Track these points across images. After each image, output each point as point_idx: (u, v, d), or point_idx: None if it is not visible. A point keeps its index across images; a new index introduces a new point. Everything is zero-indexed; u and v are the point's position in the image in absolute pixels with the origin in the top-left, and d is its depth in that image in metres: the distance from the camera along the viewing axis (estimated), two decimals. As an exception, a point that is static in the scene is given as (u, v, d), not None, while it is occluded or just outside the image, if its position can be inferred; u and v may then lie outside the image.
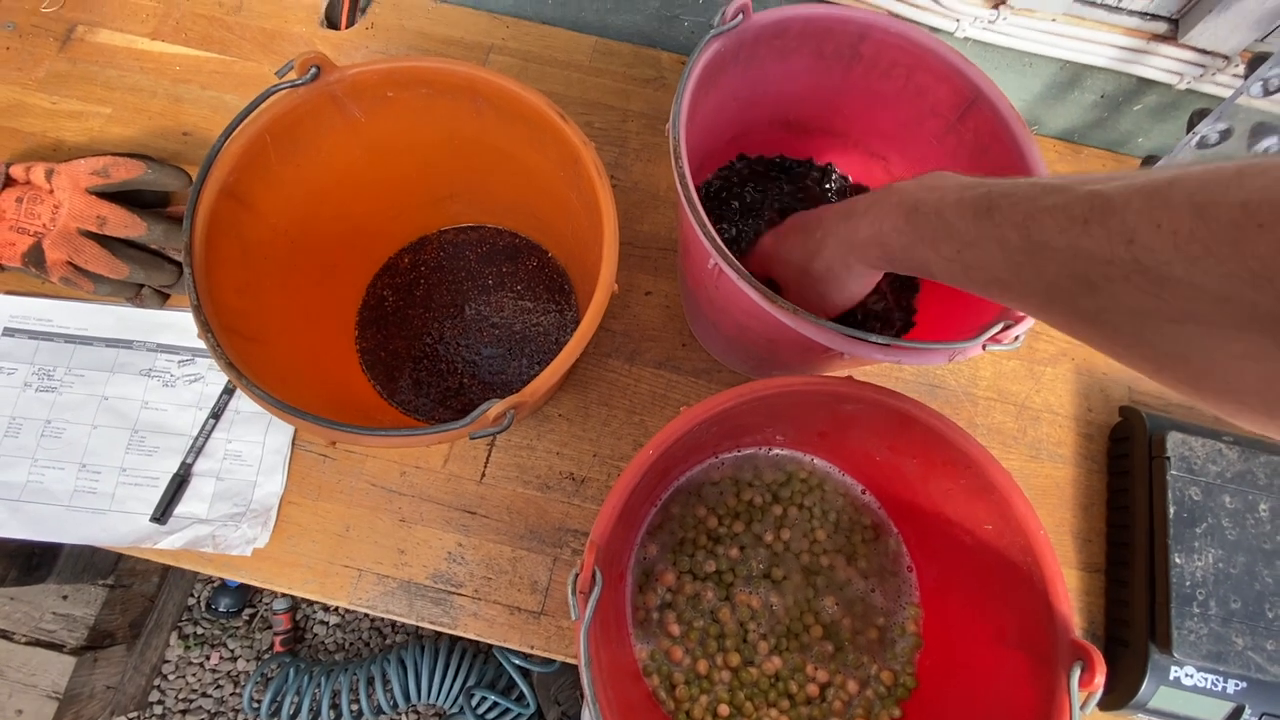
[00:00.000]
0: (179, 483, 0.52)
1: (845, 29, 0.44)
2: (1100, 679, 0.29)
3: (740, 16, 0.41)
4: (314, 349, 0.46)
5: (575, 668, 1.11)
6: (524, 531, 0.53)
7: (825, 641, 0.42)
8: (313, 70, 0.37)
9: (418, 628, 1.19)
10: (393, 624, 1.19)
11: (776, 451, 0.46)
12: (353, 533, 0.52)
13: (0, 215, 0.54)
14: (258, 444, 0.53)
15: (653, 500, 0.44)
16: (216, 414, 0.54)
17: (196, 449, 0.53)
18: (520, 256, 0.56)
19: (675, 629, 0.41)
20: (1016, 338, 0.35)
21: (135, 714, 1.12)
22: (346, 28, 0.67)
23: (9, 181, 0.55)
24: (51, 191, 0.54)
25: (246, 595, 1.17)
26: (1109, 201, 0.24)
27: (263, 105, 0.37)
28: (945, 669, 0.40)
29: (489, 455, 0.55)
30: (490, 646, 1.17)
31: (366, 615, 1.19)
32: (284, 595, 1.15)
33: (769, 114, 0.51)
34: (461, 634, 0.51)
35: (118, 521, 0.51)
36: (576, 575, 0.30)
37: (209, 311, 0.33)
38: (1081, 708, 0.29)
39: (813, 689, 0.40)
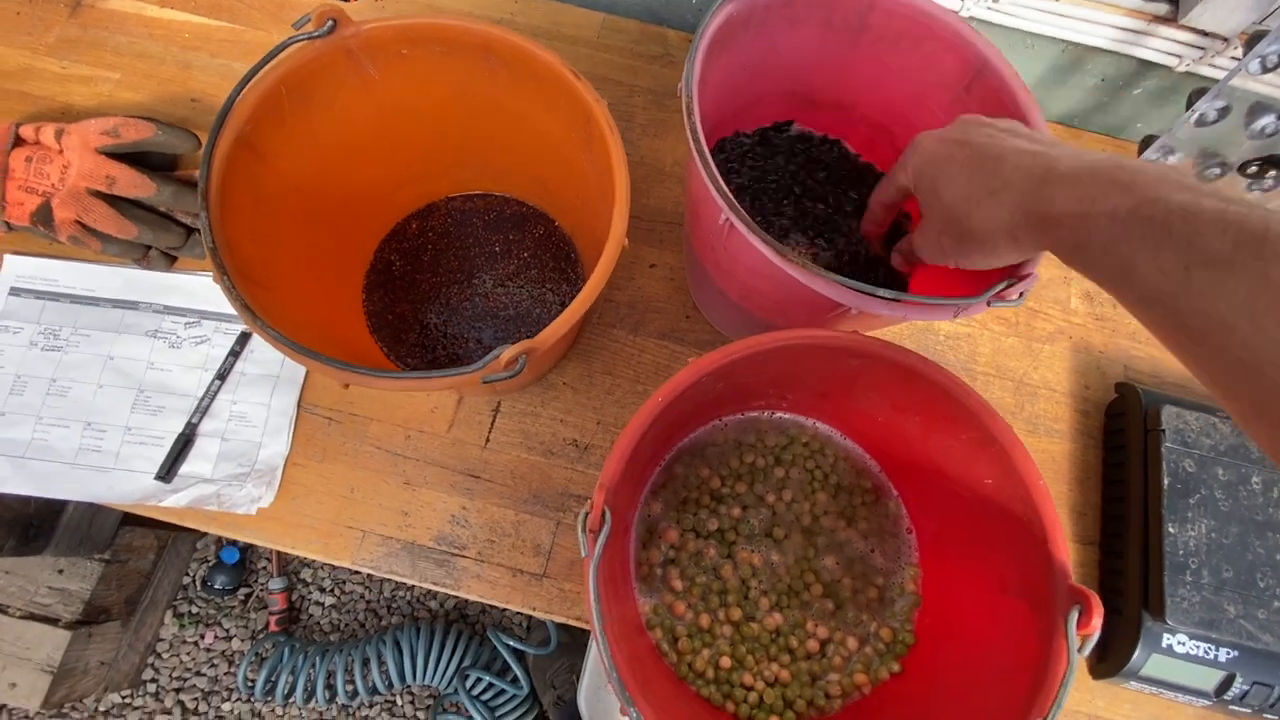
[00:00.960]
0: (184, 442, 0.52)
1: (853, -2, 0.44)
2: (1098, 620, 0.29)
3: (751, -19, 0.41)
4: (323, 306, 0.47)
5: (570, 651, 1.12)
6: (527, 496, 0.54)
7: (825, 599, 0.42)
8: (329, 23, 0.37)
9: (413, 610, 1.19)
10: (388, 605, 1.19)
11: (779, 415, 0.46)
12: (357, 495, 0.53)
13: (9, 174, 0.54)
14: (263, 406, 0.54)
15: (656, 460, 0.44)
16: (222, 375, 0.54)
17: (202, 409, 0.53)
18: (527, 224, 0.57)
19: (678, 584, 0.41)
20: (1020, 294, 0.36)
21: (129, 691, 1.11)
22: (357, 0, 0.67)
23: (18, 141, 0.55)
24: (61, 151, 0.54)
25: (242, 574, 1.17)
26: None
27: (279, 57, 0.37)
28: (944, 624, 0.40)
29: (494, 421, 0.55)
30: (485, 629, 1.17)
31: (362, 597, 1.19)
32: (280, 575, 1.15)
33: (777, 85, 0.51)
34: (464, 595, 0.51)
35: (122, 479, 0.52)
36: (586, 515, 0.30)
37: (224, 255, 0.34)
38: (1079, 651, 0.30)
39: (813, 645, 0.41)
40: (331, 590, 1.19)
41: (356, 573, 1.20)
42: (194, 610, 1.16)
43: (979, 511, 0.38)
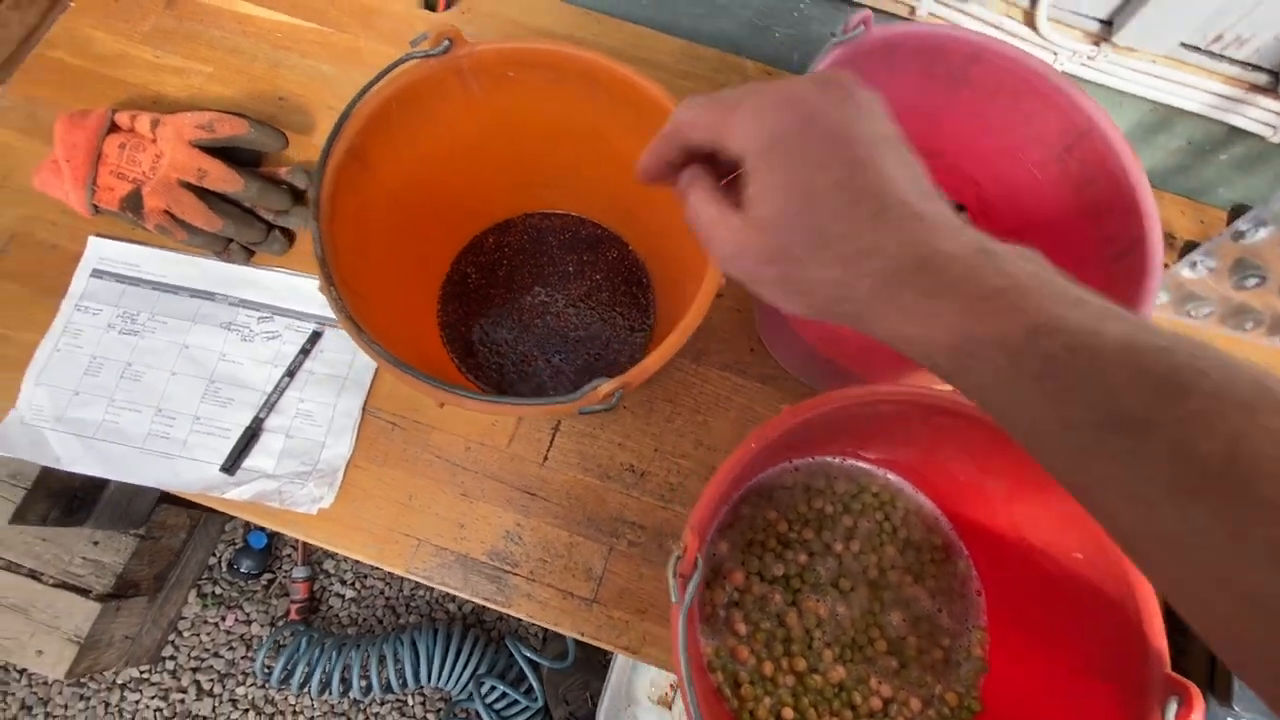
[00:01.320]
0: (250, 436, 0.53)
1: (958, 50, 0.44)
2: (1199, 715, 0.28)
3: (861, 28, 0.41)
4: (405, 316, 0.47)
5: (585, 667, 1.11)
6: (582, 518, 0.53)
7: (890, 656, 0.42)
8: (445, 43, 0.38)
9: (431, 610, 1.19)
10: (407, 603, 1.19)
11: (850, 462, 0.46)
12: (415, 502, 0.53)
13: (103, 159, 0.55)
14: (329, 405, 0.54)
15: (725, 499, 0.44)
16: (291, 372, 0.54)
17: (270, 404, 0.54)
18: (601, 247, 0.57)
19: (742, 628, 0.41)
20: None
21: (148, 667, 1.12)
22: (444, 10, 0.68)
23: (113, 127, 0.56)
24: (154, 140, 0.55)
25: (267, 560, 1.18)
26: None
27: (395, 72, 0.38)
28: (1013, 695, 0.39)
29: (553, 439, 0.55)
30: (503, 635, 1.17)
31: (382, 593, 1.20)
32: (304, 564, 1.16)
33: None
34: (514, 613, 0.51)
35: (187, 468, 0.52)
36: (678, 558, 0.30)
37: (332, 265, 0.34)
38: (1174, 743, 0.29)
39: (876, 702, 0.40)
40: (353, 583, 1.19)
41: (378, 567, 1.21)
42: (217, 591, 1.17)
43: (1062, 583, 0.38)
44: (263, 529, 1.19)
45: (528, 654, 1.06)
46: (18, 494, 0.79)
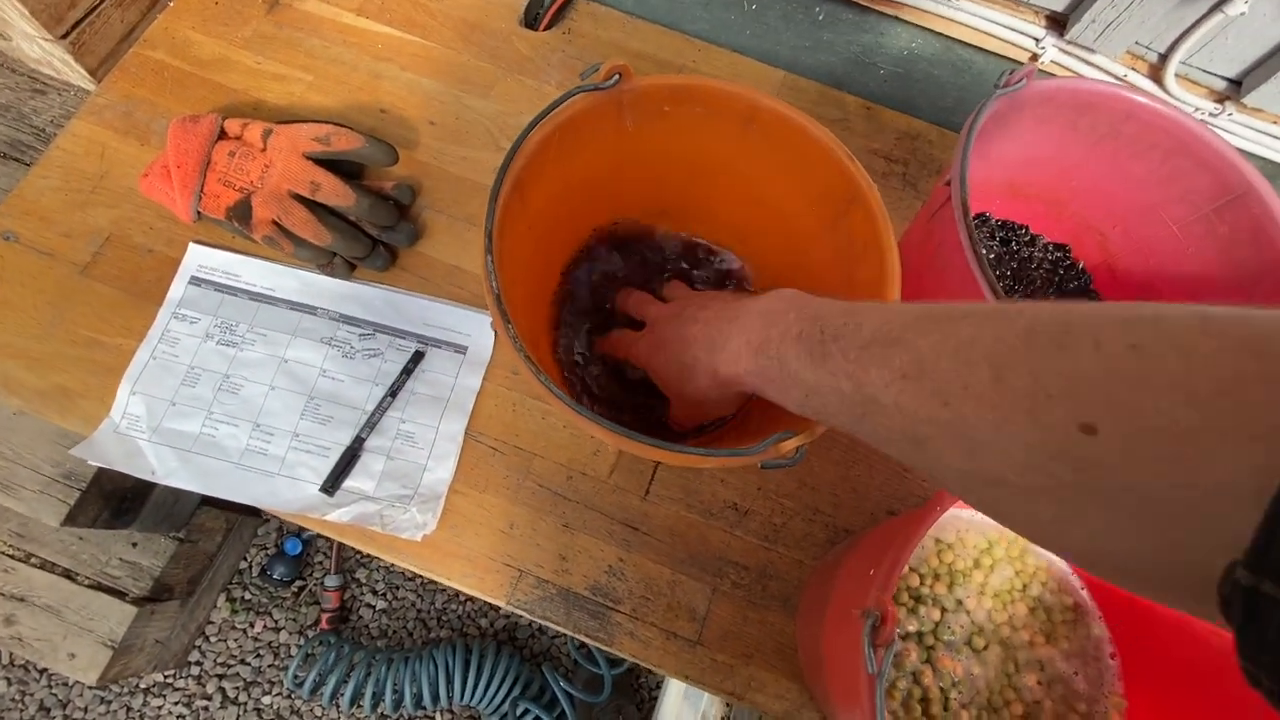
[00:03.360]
0: (350, 456, 0.52)
1: (1112, 106, 0.44)
2: None
3: (1024, 81, 0.41)
4: (531, 338, 0.46)
5: (617, 693, 1.09)
6: (684, 556, 0.52)
7: (1025, 720, 0.40)
8: (616, 77, 0.37)
9: (463, 625, 1.17)
10: (439, 616, 1.18)
11: (981, 516, 0.45)
12: (516, 531, 0.52)
13: (211, 166, 0.54)
14: (431, 428, 0.53)
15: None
16: (394, 392, 0.53)
17: (371, 424, 0.52)
18: (725, 283, 0.56)
19: (887, 677, 0.40)
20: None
21: (173, 671, 1.10)
22: (544, 30, 0.68)
23: (222, 135, 0.55)
24: (264, 150, 0.54)
25: (300, 566, 1.16)
26: (922, 359, 0.24)
27: (563, 105, 0.37)
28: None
29: (654, 472, 0.54)
30: (535, 654, 1.15)
31: (414, 605, 1.18)
32: (337, 573, 1.14)
33: (998, 175, 0.51)
34: (617, 651, 0.50)
35: (285, 486, 0.51)
36: (874, 625, 0.29)
37: (506, 301, 0.33)
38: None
39: (1015, 768, 0.39)
40: (384, 594, 1.18)
41: (410, 579, 1.19)
42: (247, 597, 1.15)
43: (1206, 652, 0.37)
44: (299, 534, 1.17)
45: (565, 686, 1.04)
46: (71, 494, 0.78)
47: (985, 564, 0.44)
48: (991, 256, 0.54)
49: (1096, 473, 0.19)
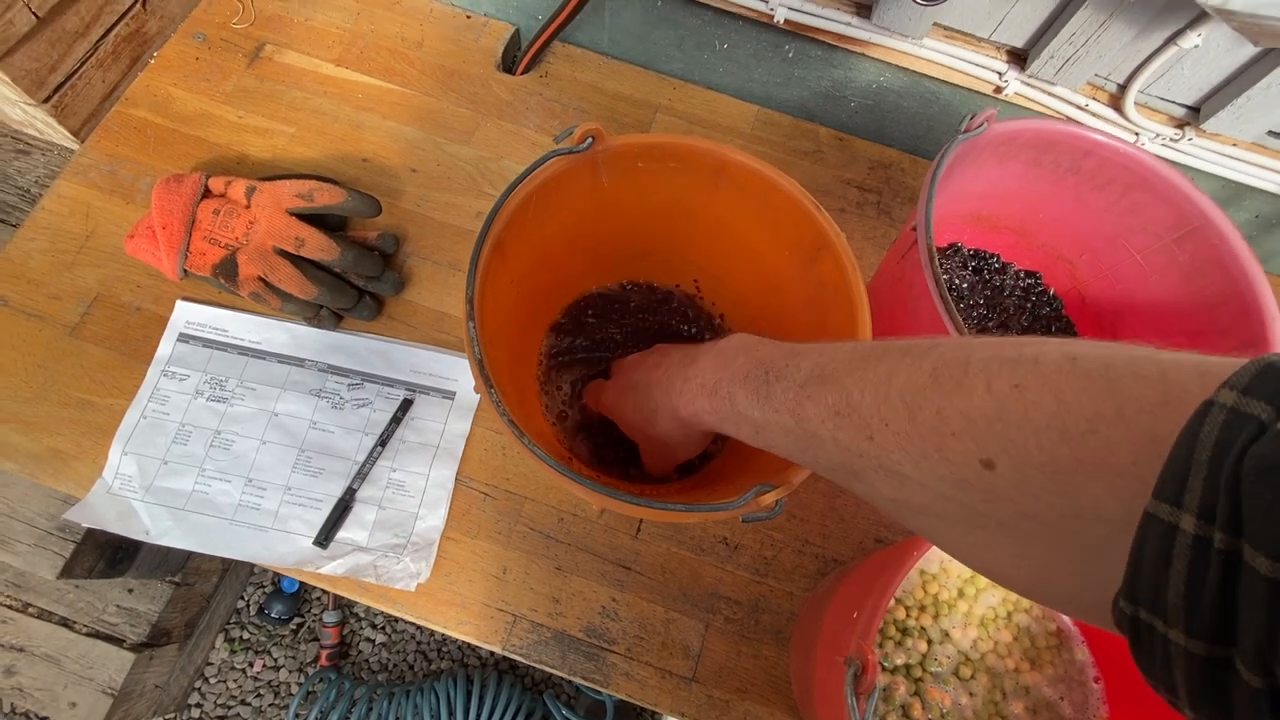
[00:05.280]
0: (343, 508, 0.52)
1: (1072, 144, 0.45)
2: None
3: (985, 125, 0.42)
4: (516, 391, 0.47)
5: (621, 716, 1.09)
6: (677, 593, 0.53)
7: (1014, 749, 0.41)
8: (589, 140, 0.38)
9: (463, 656, 1.17)
10: (438, 649, 1.17)
11: (963, 546, 0.46)
12: (509, 576, 0.52)
13: (196, 225, 0.55)
14: (421, 476, 0.54)
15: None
16: (384, 441, 0.54)
17: (362, 474, 0.53)
18: (698, 324, 0.57)
19: (869, 721, 0.41)
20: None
21: (173, 715, 1.09)
22: (522, 74, 0.69)
23: (206, 193, 0.56)
24: (248, 207, 0.55)
25: (298, 604, 1.15)
26: (850, 396, 0.25)
27: (540, 168, 0.38)
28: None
29: (644, 511, 0.55)
30: (536, 684, 1.15)
31: (414, 637, 1.18)
32: (335, 608, 1.14)
33: (966, 207, 0.52)
34: (613, 693, 0.50)
35: (279, 541, 0.51)
36: (856, 674, 0.30)
37: (489, 366, 0.34)
38: None
39: (1005, 798, 0.40)
40: (383, 628, 1.17)
41: (409, 611, 1.19)
42: (245, 636, 1.15)
43: None
44: (294, 572, 1.17)
45: (566, 714, 1.04)
46: (66, 546, 0.78)
47: (969, 593, 0.45)
48: (965, 286, 0.56)
49: (1002, 504, 0.20)
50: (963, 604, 0.45)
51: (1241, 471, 0.14)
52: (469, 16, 0.71)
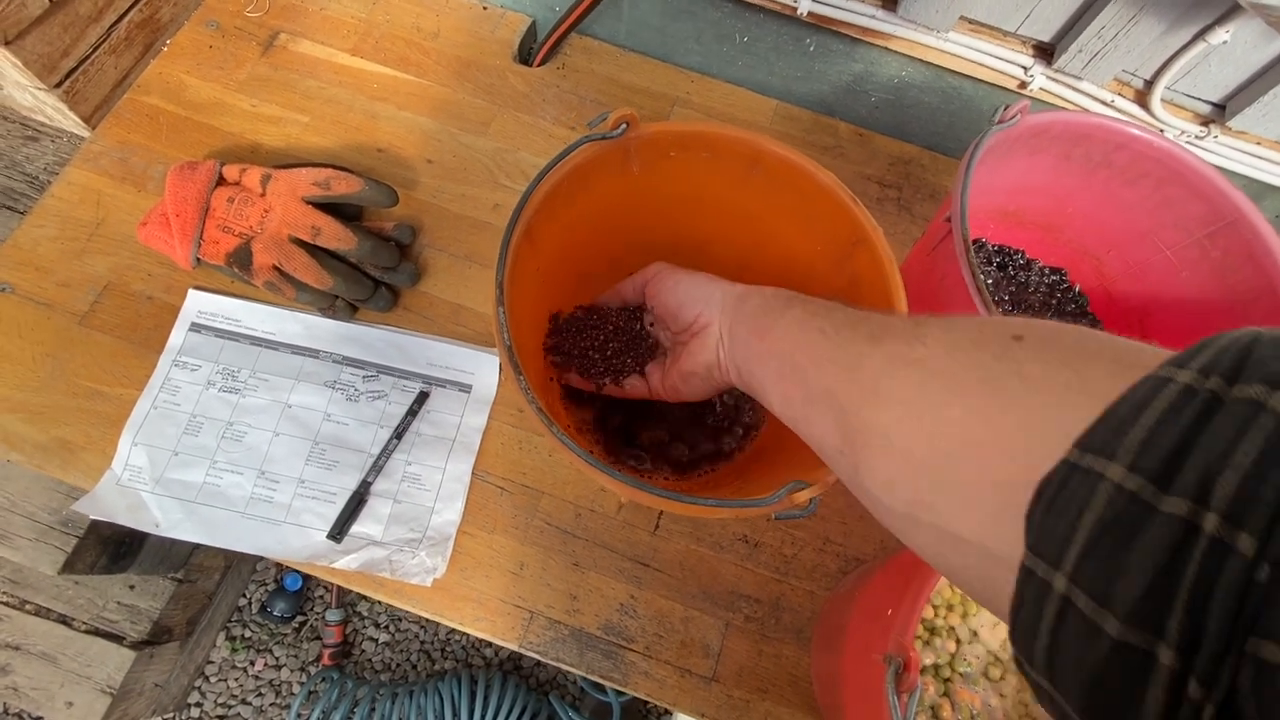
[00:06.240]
0: (357, 501, 0.51)
1: (1105, 137, 0.45)
2: None
3: (1018, 116, 0.42)
4: (537, 374, 0.46)
5: (628, 717, 1.08)
6: (696, 591, 0.52)
7: (1045, 751, 0.40)
8: (623, 126, 0.37)
9: (467, 656, 1.16)
10: (441, 648, 1.16)
11: (992, 544, 0.45)
12: (526, 572, 0.51)
13: (210, 213, 0.54)
14: (438, 469, 0.53)
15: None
16: (399, 434, 0.53)
17: (377, 468, 0.52)
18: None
19: (901, 722, 0.40)
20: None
21: (173, 714, 1.08)
22: (539, 66, 0.68)
23: (221, 181, 0.55)
24: (263, 195, 0.54)
25: (301, 601, 1.14)
26: (852, 430, 0.26)
27: (572, 154, 0.37)
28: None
29: (663, 507, 0.54)
30: (541, 684, 1.14)
31: (417, 637, 1.17)
32: (338, 607, 1.13)
33: (992, 202, 0.51)
34: (632, 691, 0.49)
35: (293, 534, 0.50)
36: (898, 671, 0.29)
37: (519, 353, 0.33)
38: None
39: (1037, 801, 0.39)
40: (387, 626, 1.16)
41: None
42: (247, 634, 1.13)
43: None
44: (297, 570, 1.15)
45: (573, 715, 1.03)
46: (68, 541, 0.77)
47: (998, 593, 0.44)
48: (990, 282, 0.55)
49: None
50: (992, 603, 0.44)
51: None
52: (485, 8, 0.71)
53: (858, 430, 0.25)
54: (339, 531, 0.50)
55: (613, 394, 0.48)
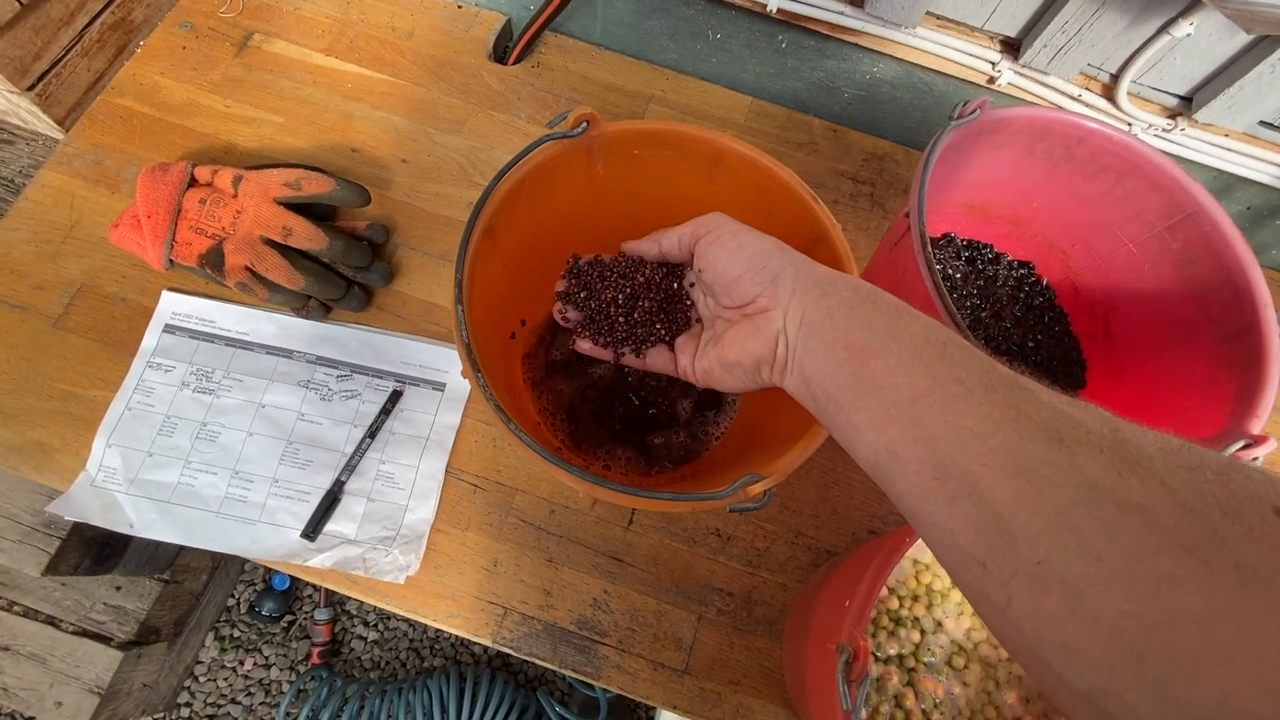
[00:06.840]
0: (331, 500, 0.51)
1: (1065, 132, 0.45)
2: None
3: (977, 112, 0.42)
4: (503, 372, 0.47)
5: (616, 713, 1.09)
6: (669, 585, 0.52)
7: (1007, 738, 0.41)
8: (584, 125, 0.38)
9: (456, 653, 1.16)
10: (430, 646, 1.17)
11: (957, 536, 0.46)
12: (500, 568, 0.52)
13: (182, 215, 0.54)
14: (411, 468, 0.53)
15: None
16: (373, 433, 0.53)
17: (350, 466, 0.52)
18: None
19: (862, 711, 0.40)
20: (1256, 459, 0.36)
21: (162, 715, 1.08)
22: (513, 64, 0.69)
23: (192, 182, 0.56)
24: (235, 196, 0.55)
25: (289, 601, 1.14)
26: (1011, 552, 0.20)
27: (532, 153, 0.37)
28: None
29: (637, 503, 0.54)
30: (530, 681, 1.15)
31: (406, 635, 1.17)
32: (327, 606, 1.13)
33: (960, 197, 0.52)
34: (605, 685, 0.50)
35: (266, 533, 0.51)
36: (848, 661, 0.30)
37: (477, 352, 0.33)
38: None
39: (999, 787, 0.40)
40: (375, 625, 1.17)
41: (402, 609, 1.18)
42: (235, 634, 1.14)
43: None
44: (285, 569, 1.16)
45: (560, 711, 1.04)
46: (52, 543, 0.77)
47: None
48: (958, 275, 0.55)
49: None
50: (956, 594, 0.44)
51: None
52: (460, 6, 0.71)
53: (1023, 558, 0.19)
54: (313, 530, 0.51)
55: (630, 365, 0.39)
